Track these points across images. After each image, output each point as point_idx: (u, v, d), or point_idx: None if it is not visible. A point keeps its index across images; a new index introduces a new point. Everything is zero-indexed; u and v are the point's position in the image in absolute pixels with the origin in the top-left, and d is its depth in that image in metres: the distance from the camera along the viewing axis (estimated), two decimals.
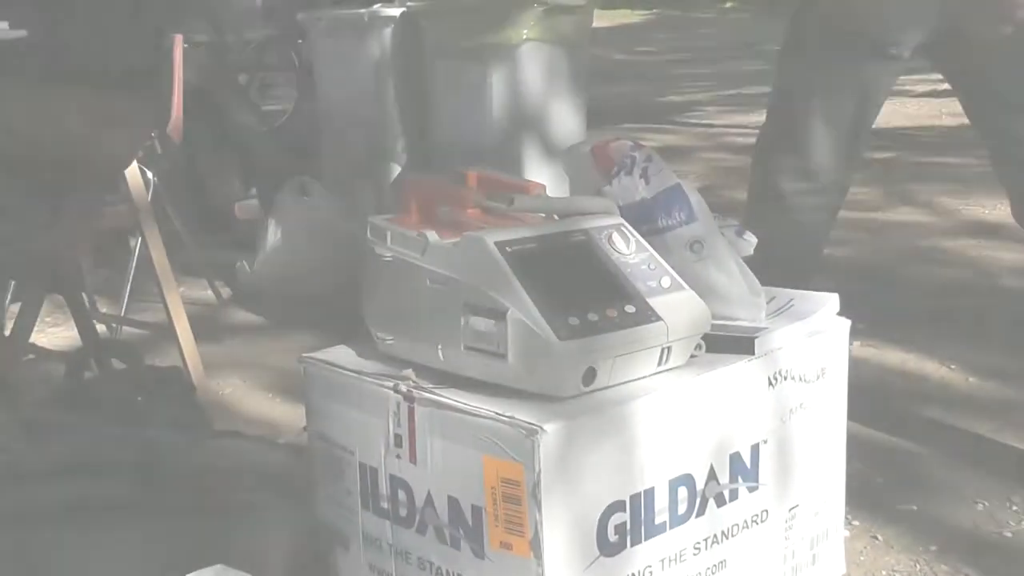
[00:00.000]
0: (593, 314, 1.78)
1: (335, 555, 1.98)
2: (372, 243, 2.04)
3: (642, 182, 2.12)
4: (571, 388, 1.76)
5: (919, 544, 2.53)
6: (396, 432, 1.90)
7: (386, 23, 4.73)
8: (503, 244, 1.82)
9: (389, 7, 4.82)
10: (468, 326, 1.82)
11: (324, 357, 2.06)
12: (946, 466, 2.89)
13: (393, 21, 4.72)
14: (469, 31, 4.34)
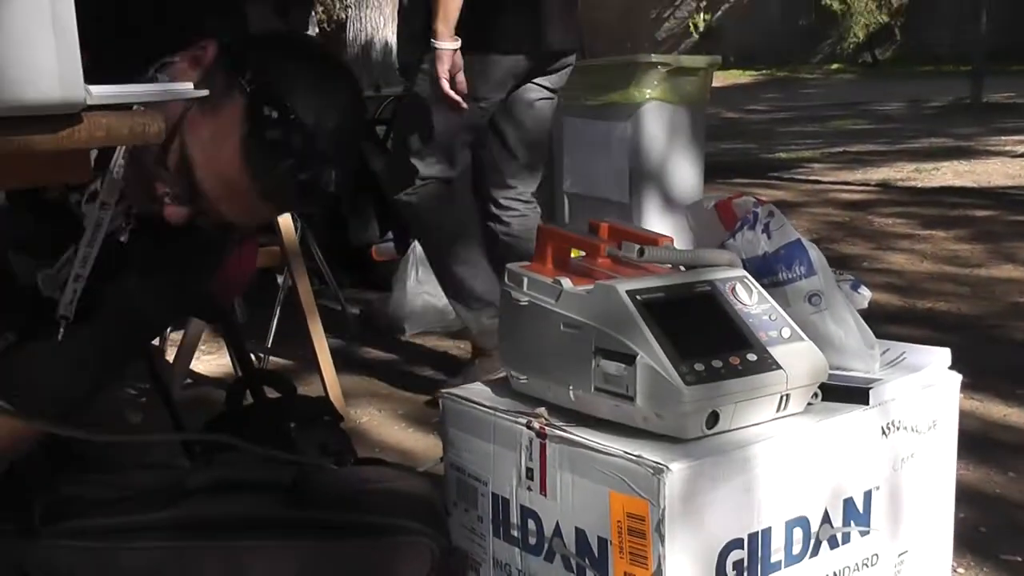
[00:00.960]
0: (717, 361, 1.78)
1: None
2: (509, 288, 2.05)
3: (764, 237, 2.11)
4: (695, 431, 1.75)
5: None
6: (528, 466, 1.91)
7: None
8: (633, 292, 1.83)
9: None
10: (599, 369, 1.83)
11: (462, 393, 2.08)
12: None
13: None
14: (597, 90, 4.36)
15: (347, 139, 1.75)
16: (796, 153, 10.89)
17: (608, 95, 4.33)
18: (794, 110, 15.87)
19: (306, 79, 1.69)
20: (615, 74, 4.36)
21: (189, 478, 1.88)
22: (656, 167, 4.29)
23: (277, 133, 1.63)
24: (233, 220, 1.73)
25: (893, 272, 5.40)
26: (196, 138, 1.67)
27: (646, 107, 4.25)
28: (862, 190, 8.11)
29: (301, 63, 1.72)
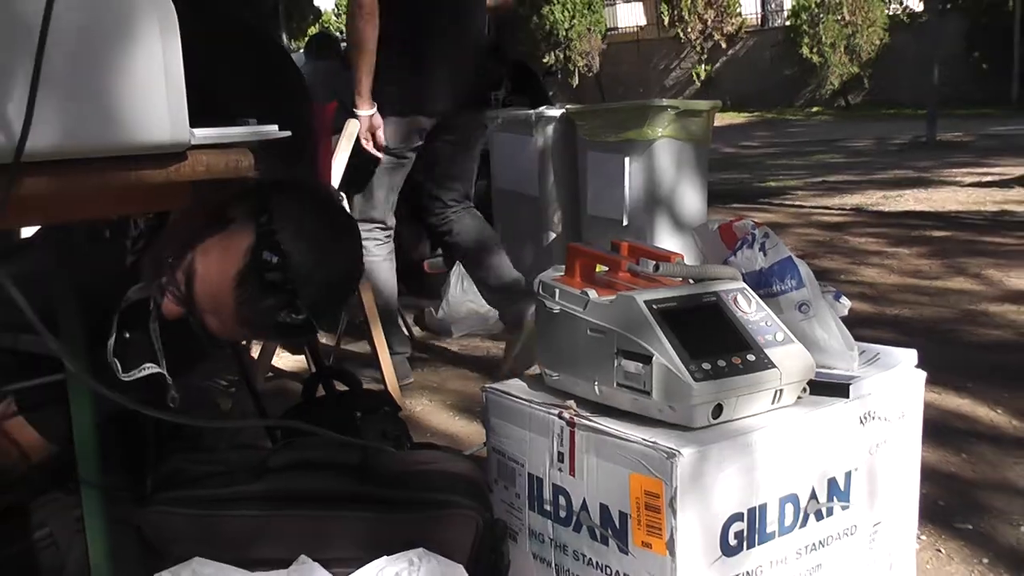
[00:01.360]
0: (721, 361, 1.78)
1: (507, 545, 1.98)
2: (542, 298, 2.05)
3: (760, 254, 2.11)
4: (702, 420, 1.75)
5: (974, 557, 2.49)
6: (559, 450, 1.90)
7: (549, 121, 4.78)
8: (650, 302, 1.83)
9: (551, 109, 4.86)
10: (620, 368, 1.83)
11: (502, 388, 2.08)
12: (995, 492, 2.82)
13: (554, 120, 4.77)
14: (617, 129, 4.36)
15: (331, 297, 1.73)
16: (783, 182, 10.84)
17: (626, 133, 4.32)
18: (781, 146, 15.82)
19: (312, 237, 1.66)
20: (632, 115, 4.35)
21: (273, 458, 1.88)
22: (666, 194, 4.28)
23: (270, 276, 1.61)
24: (213, 331, 1.71)
25: (865, 283, 5.38)
26: (204, 254, 1.65)
27: (658, 143, 4.25)
28: (839, 214, 8.08)
29: (314, 221, 1.69)
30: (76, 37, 1.25)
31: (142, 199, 1.49)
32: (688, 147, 4.35)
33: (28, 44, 1.20)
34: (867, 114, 21.39)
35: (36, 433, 1.83)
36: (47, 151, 1.24)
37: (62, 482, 1.91)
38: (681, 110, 4.33)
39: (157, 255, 1.71)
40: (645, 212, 4.29)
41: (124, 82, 1.28)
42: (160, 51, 1.31)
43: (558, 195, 4.81)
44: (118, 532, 1.77)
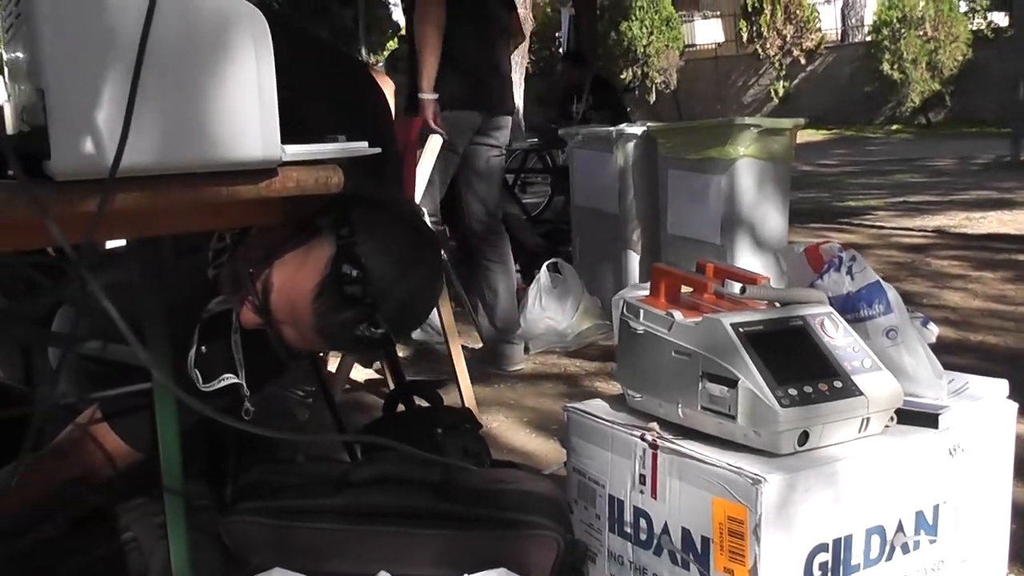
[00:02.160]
0: (808, 387, 1.76)
1: (586, 567, 1.97)
2: (626, 318, 2.03)
3: (848, 278, 2.08)
4: (788, 447, 1.73)
5: None
6: (641, 472, 1.89)
7: (629, 139, 4.75)
8: (736, 325, 1.81)
9: (632, 127, 4.84)
10: (704, 391, 1.81)
11: (584, 408, 2.07)
12: None
13: (635, 137, 4.75)
14: (696, 147, 4.32)
15: (410, 312, 1.71)
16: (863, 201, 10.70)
17: (707, 151, 4.29)
18: (860, 164, 15.63)
19: (392, 252, 1.65)
20: (714, 133, 4.32)
21: (354, 472, 1.89)
22: (747, 214, 4.24)
23: (349, 290, 1.60)
24: (289, 342, 1.71)
25: (948, 308, 5.27)
26: (284, 265, 1.65)
27: (740, 162, 4.21)
28: (920, 235, 7.94)
29: (395, 236, 1.68)
30: (173, 55, 1.26)
31: (233, 214, 1.49)
32: (770, 166, 4.30)
33: (126, 61, 1.20)
34: (949, 132, 21.06)
35: (121, 440, 1.85)
36: (142, 167, 1.25)
37: (146, 489, 1.93)
38: (764, 128, 4.28)
39: (238, 267, 1.72)
40: (726, 232, 4.24)
41: (219, 99, 1.29)
42: (255, 69, 1.31)
43: (638, 213, 4.78)
44: (199, 540, 1.78)
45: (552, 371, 4.27)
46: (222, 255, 1.85)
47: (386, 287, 1.61)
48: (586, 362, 4.34)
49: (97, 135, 1.22)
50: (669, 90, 26.79)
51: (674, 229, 4.48)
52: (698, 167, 4.33)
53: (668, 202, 4.53)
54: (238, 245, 1.81)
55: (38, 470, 1.80)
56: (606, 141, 4.85)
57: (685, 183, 4.40)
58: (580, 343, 4.53)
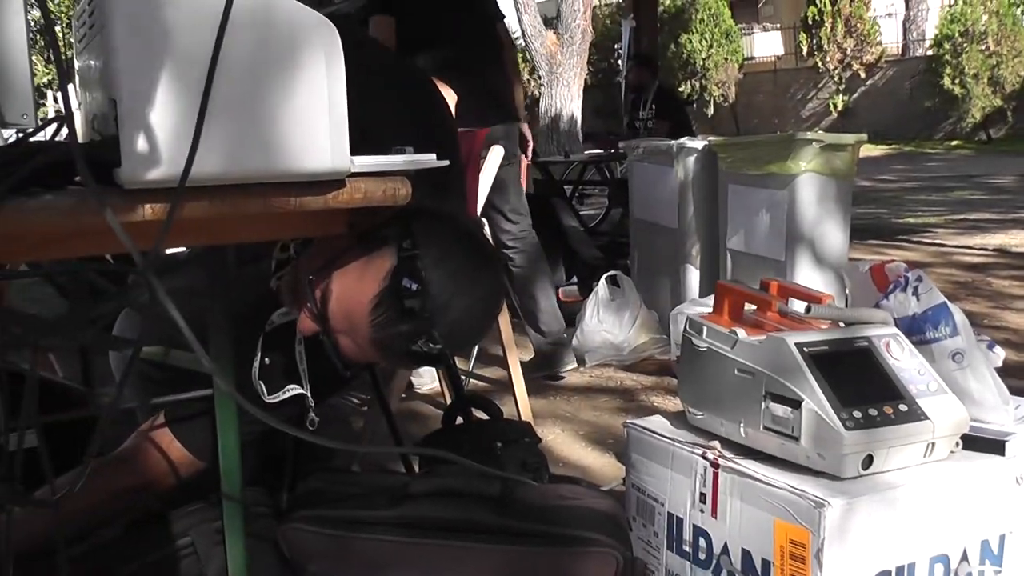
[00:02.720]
0: (873, 409, 1.73)
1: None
2: (689, 335, 2.02)
3: (914, 299, 2.05)
4: (851, 470, 1.70)
5: None
6: (701, 491, 1.87)
7: (690, 152, 4.73)
8: (801, 345, 1.79)
9: (693, 140, 4.81)
10: (767, 411, 1.79)
11: (644, 424, 2.05)
12: None
13: (696, 151, 4.72)
14: (759, 162, 4.29)
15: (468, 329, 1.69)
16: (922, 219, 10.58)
17: (768, 166, 4.25)
18: (919, 181, 15.47)
19: (453, 267, 1.63)
20: (775, 148, 4.27)
21: (414, 484, 1.88)
22: (808, 230, 4.19)
23: (408, 303, 1.59)
24: (345, 352, 1.70)
25: (1010, 330, 5.19)
26: (344, 274, 1.64)
27: (801, 178, 4.16)
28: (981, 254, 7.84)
29: (457, 252, 1.66)
30: (245, 65, 1.26)
31: (299, 224, 1.50)
32: (832, 182, 4.26)
33: (198, 71, 1.21)
34: (1010, 149, 20.79)
35: (184, 449, 1.86)
36: (211, 176, 1.26)
37: (203, 494, 1.94)
38: (826, 144, 4.24)
39: (299, 275, 1.72)
40: (787, 248, 4.20)
41: (289, 110, 1.29)
42: (325, 80, 1.31)
43: (697, 227, 4.75)
44: (257, 547, 1.78)
45: (608, 384, 4.25)
46: (285, 265, 1.86)
47: (445, 302, 1.60)
48: (642, 376, 4.32)
49: (167, 144, 1.22)
50: (727, 103, 26.68)
51: (734, 244, 4.45)
52: (759, 182, 4.29)
53: (728, 217, 4.49)
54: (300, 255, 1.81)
55: (101, 475, 1.81)
56: (667, 155, 4.82)
57: (746, 198, 4.36)
58: (637, 357, 4.51)
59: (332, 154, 1.33)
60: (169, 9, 1.22)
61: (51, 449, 1.43)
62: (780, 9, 29.21)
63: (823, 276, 4.09)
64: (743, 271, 4.34)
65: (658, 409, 3.76)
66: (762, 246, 4.28)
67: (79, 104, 1.55)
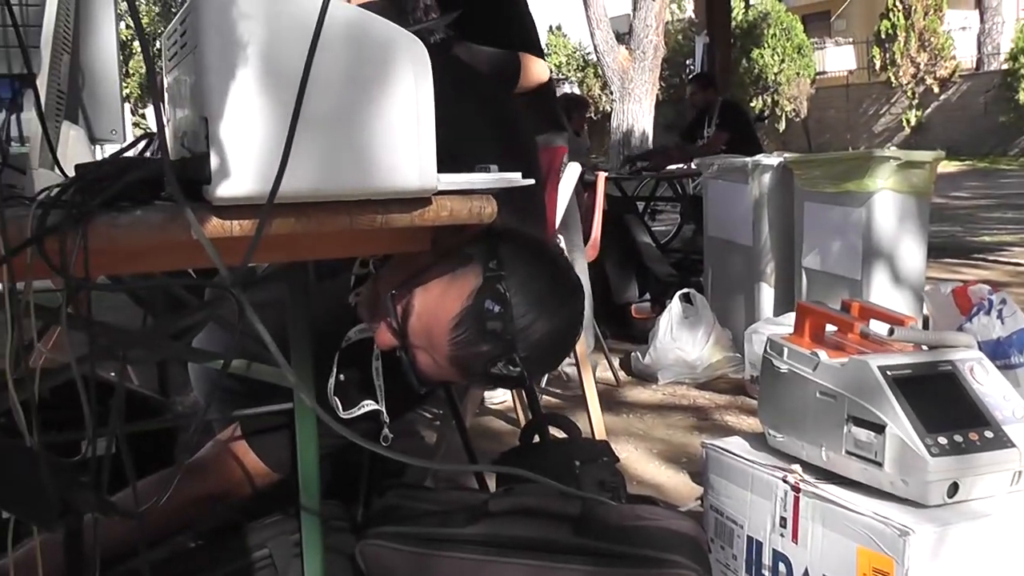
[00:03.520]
0: (958, 436, 1.70)
1: None
2: (769, 356, 1.99)
3: (998, 322, 2.03)
4: (937, 498, 1.67)
5: None
6: (782, 515, 1.84)
7: (765, 170, 4.69)
8: (884, 368, 1.76)
9: (768, 158, 4.77)
10: (850, 434, 1.76)
11: (723, 445, 2.03)
12: None
13: (771, 168, 4.68)
14: (835, 179, 4.24)
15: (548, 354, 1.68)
16: (997, 237, 10.41)
17: (845, 184, 4.20)
18: (994, 198, 15.22)
19: (537, 291, 1.62)
20: (852, 166, 4.23)
21: (492, 502, 1.87)
22: (885, 249, 4.14)
23: (490, 325, 1.58)
24: (422, 368, 1.70)
25: None
26: (426, 290, 1.63)
27: (878, 196, 4.11)
28: None
29: (541, 275, 1.65)
30: (335, 84, 1.27)
31: (384, 240, 1.50)
32: (909, 200, 4.20)
33: (288, 90, 1.22)
34: None
35: (260, 460, 1.87)
36: (299, 193, 1.26)
37: (281, 506, 1.95)
38: (903, 161, 4.18)
39: (379, 290, 1.72)
40: (863, 267, 4.15)
41: (378, 128, 1.30)
42: (414, 98, 1.32)
43: (772, 245, 4.71)
44: (334, 560, 1.79)
45: (681, 402, 4.22)
46: (364, 281, 1.86)
47: (526, 326, 1.60)
48: (716, 395, 4.28)
49: (257, 162, 1.23)
50: (799, 118, 26.48)
51: (809, 262, 4.40)
52: (835, 200, 4.25)
53: (804, 235, 4.45)
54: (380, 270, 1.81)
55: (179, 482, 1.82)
56: (742, 172, 4.79)
57: (821, 215, 4.32)
58: (710, 375, 4.48)
59: (419, 172, 1.33)
60: (261, 28, 1.23)
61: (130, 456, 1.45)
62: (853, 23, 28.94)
63: (900, 295, 4.03)
64: (818, 290, 4.29)
65: (733, 429, 3.72)
66: (838, 264, 4.23)
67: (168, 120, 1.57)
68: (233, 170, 1.23)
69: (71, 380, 1.26)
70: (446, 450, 3.11)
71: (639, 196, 8.19)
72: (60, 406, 1.42)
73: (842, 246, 4.21)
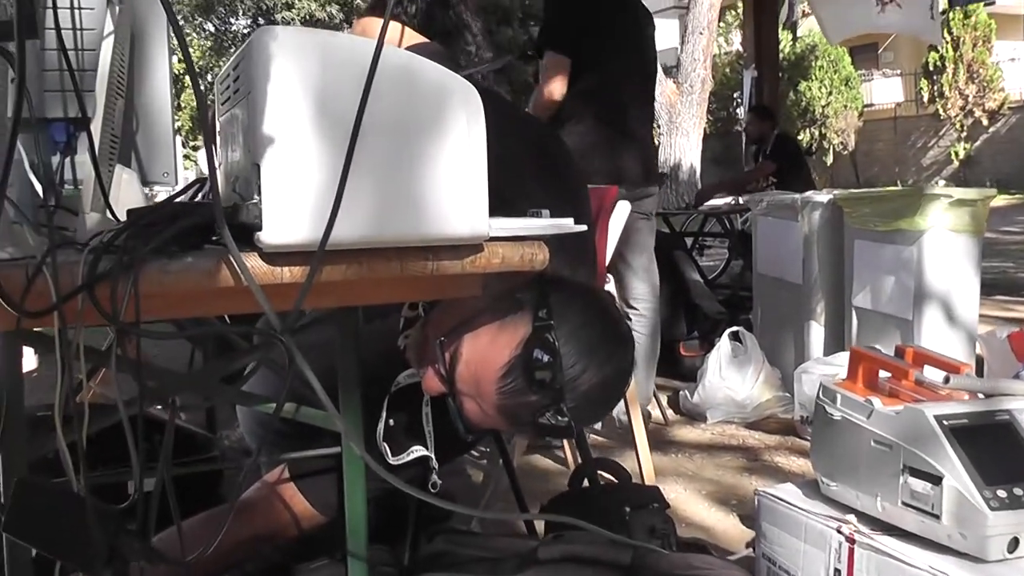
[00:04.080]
0: (1018, 489, 1.66)
1: None
2: (822, 402, 1.96)
3: None
4: (996, 553, 1.63)
5: None
6: (836, 566, 1.81)
7: (815, 207, 4.65)
8: (940, 417, 1.73)
9: (818, 195, 4.73)
10: (906, 485, 1.73)
11: (775, 492, 2.00)
12: None
13: (821, 206, 4.64)
14: (884, 217, 4.20)
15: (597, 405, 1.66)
16: None
17: (896, 222, 4.16)
18: None
19: (587, 341, 1.60)
20: (903, 203, 4.18)
21: (542, 549, 1.85)
22: (937, 289, 4.08)
23: (539, 375, 1.56)
24: (470, 416, 1.68)
25: None
26: (475, 337, 1.62)
27: (929, 234, 4.07)
28: None
29: (591, 325, 1.63)
30: (387, 131, 1.26)
31: (434, 287, 1.49)
32: (961, 239, 4.15)
33: (341, 137, 1.22)
34: None
35: (308, 503, 1.86)
36: (350, 240, 1.26)
37: (328, 550, 1.93)
38: (955, 199, 4.13)
39: (427, 334, 1.71)
40: (914, 307, 4.09)
41: (430, 176, 1.29)
42: (467, 146, 1.31)
43: (822, 283, 4.66)
44: None
45: (731, 442, 4.17)
46: (413, 323, 1.85)
47: (576, 376, 1.58)
48: (765, 435, 4.23)
49: (309, 209, 1.23)
50: (847, 151, 26.34)
51: (859, 301, 4.35)
52: (886, 238, 4.20)
53: (854, 273, 4.40)
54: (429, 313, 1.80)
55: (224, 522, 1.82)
56: (791, 209, 4.75)
57: (872, 254, 4.27)
58: (759, 415, 4.43)
59: (471, 218, 1.32)
60: (314, 75, 1.23)
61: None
62: (900, 55, 28.79)
63: (953, 336, 3.97)
64: (869, 330, 4.24)
65: (783, 470, 3.67)
66: (889, 304, 4.17)
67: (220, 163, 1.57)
68: (285, 217, 1.22)
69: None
70: (493, 490, 3.09)
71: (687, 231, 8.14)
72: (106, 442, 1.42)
73: (893, 285, 4.16)
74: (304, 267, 1.25)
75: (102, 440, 1.41)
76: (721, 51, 26.68)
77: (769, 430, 4.30)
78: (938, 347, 3.23)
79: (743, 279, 6.54)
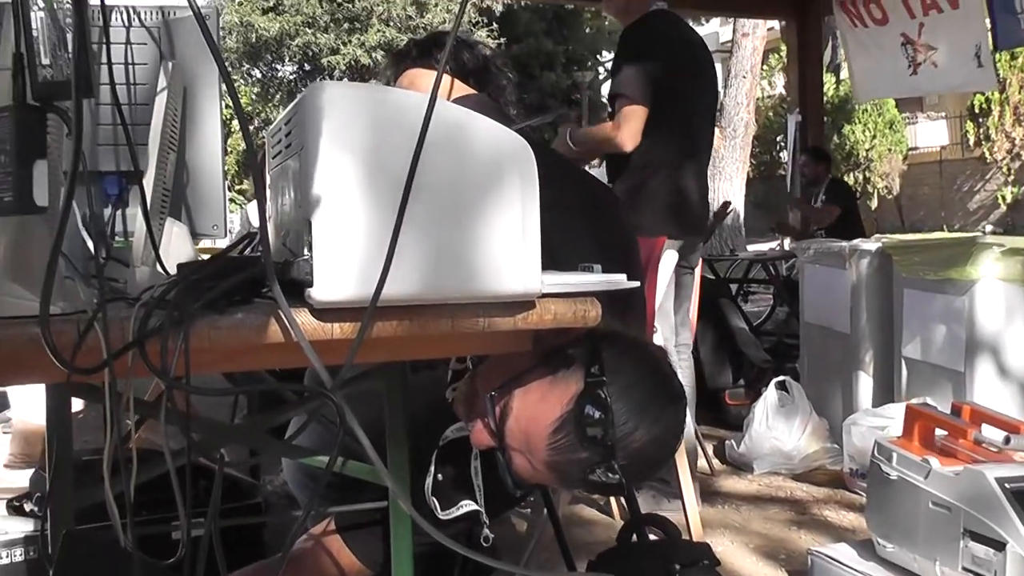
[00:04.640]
0: None
1: None
2: (878, 461, 1.93)
3: None
4: None
5: None
6: None
7: (863, 255, 4.60)
8: (1002, 480, 1.69)
9: (867, 243, 4.69)
10: (967, 550, 1.69)
11: (830, 553, 1.96)
12: None
13: (869, 254, 4.59)
14: (935, 266, 4.15)
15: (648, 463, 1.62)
16: None
17: (947, 271, 4.10)
18: None
19: (639, 398, 1.57)
20: (953, 252, 4.13)
21: None
22: (990, 340, 4.02)
23: (590, 431, 1.53)
24: (519, 471, 1.65)
25: None
26: (526, 392, 1.59)
27: (981, 284, 4.01)
28: None
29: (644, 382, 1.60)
30: (440, 188, 1.26)
31: (485, 342, 1.47)
32: (1014, 289, 4.08)
33: (393, 193, 1.21)
34: None
35: (352, 555, 1.84)
36: (402, 296, 1.25)
37: None
38: (1008, 248, 4.07)
39: (476, 388, 1.69)
40: (966, 358, 4.03)
41: (483, 233, 1.28)
42: (520, 203, 1.30)
43: (871, 333, 4.60)
44: None
45: (778, 495, 4.12)
46: (461, 375, 1.83)
47: (627, 434, 1.55)
48: (813, 487, 4.18)
49: (360, 265, 1.22)
50: (891, 195, 26.17)
51: (909, 352, 4.29)
52: (936, 287, 4.14)
53: (904, 323, 4.34)
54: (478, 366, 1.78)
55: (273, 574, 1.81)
56: (839, 256, 4.70)
57: (922, 303, 4.22)
58: (807, 466, 4.37)
59: (524, 275, 1.31)
60: (366, 131, 1.23)
61: None
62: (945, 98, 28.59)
63: (1006, 389, 3.91)
64: (919, 381, 4.17)
65: (833, 525, 3.61)
66: (940, 355, 4.11)
67: (270, 216, 1.56)
68: (336, 274, 1.22)
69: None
70: (537, 540, 3.05)
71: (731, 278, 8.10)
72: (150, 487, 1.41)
73: (944, 336, 4.10)
74: (354, 323, 1.24)
75: (147, 485, 1.40)
76: (764, 95, 26.64)
77: (817, 482, 4.25)
78: (990, 400, 3.18)
79: (788, 326, 6.49)
